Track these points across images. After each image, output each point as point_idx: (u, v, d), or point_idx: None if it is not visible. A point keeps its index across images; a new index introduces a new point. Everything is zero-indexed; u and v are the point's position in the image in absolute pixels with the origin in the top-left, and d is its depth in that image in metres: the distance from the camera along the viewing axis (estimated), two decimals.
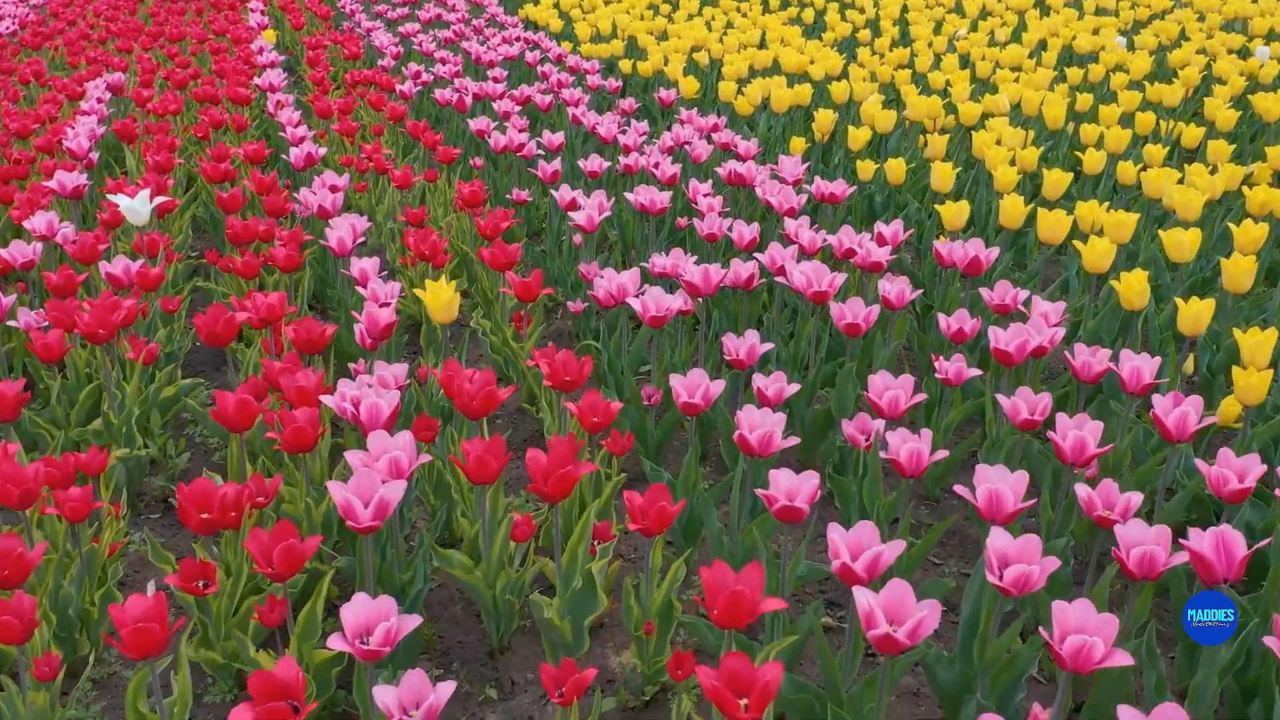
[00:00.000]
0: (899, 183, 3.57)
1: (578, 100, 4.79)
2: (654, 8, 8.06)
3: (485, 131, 4.33)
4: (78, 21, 8.01)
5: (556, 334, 3.51)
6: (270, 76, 5.19)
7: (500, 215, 3.36)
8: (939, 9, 7.24)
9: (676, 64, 5.35)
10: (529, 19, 7.63)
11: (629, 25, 6.78)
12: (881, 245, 2.95)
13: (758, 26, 6.92)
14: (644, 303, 2.44)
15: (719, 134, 4.13)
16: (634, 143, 4.07)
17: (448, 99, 4.87)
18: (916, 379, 2.85)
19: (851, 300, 2.40)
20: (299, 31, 7.94)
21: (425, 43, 6.44)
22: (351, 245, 2.99)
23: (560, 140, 4.13)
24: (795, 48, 5.99)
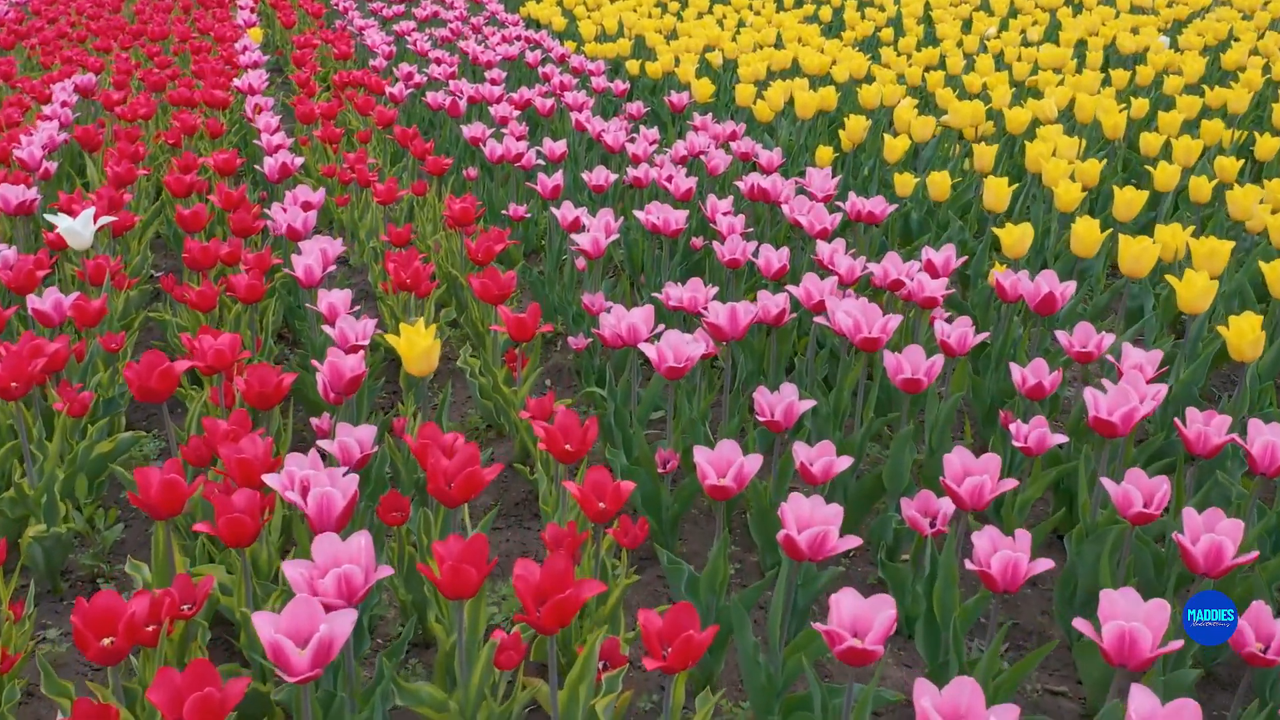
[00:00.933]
0: (943, 199, 3.17)
1: (581, 105, 4.40)
2: (662, 5, 7.66)
3: (480, 139, 3.94)
4: (59, 19, 7.64)
5: (556, 370, 3.12)
6: (250, 78, 4.80)
7: (494, 236, 2.97)
8: (965, 6, 6.83)
9: (688, 65, 4.95)
10: (530, 17, 7.24)
11: (636, 23, 6.38)
12: (934, 276, 2.56)
13: (773, 25, 6.52)
14: (660, 351, 2.04)
15: (738, 142, 3.73)
16: (643, 152, 3.68)
17: (440, 103, 4.48)
18: (974, 432, 2.48)
19: (910, 350, 2.00)
20: (289, 30, 7.56)
21: (420, 42, 6.05)
22: (321, 274, 2.60)
23: (562, 150, 3.74)
24: (814, 47, 5.60)
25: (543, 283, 3.24)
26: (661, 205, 2.94)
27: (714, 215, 3.05)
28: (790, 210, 3.03)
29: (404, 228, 3.15)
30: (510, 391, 2.54)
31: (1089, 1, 6.82)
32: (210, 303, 2.65)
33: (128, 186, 3.68)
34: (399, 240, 3.15)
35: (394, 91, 4.76)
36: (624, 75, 5.73)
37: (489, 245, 2.88)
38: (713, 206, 3.07)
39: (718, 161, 3.57)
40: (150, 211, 3.86)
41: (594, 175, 3.41)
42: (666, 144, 4.56)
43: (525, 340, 2.42)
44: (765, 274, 2.67)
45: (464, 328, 3.22)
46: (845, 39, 6.07)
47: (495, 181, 3.91)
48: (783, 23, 6.48)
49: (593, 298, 2.71)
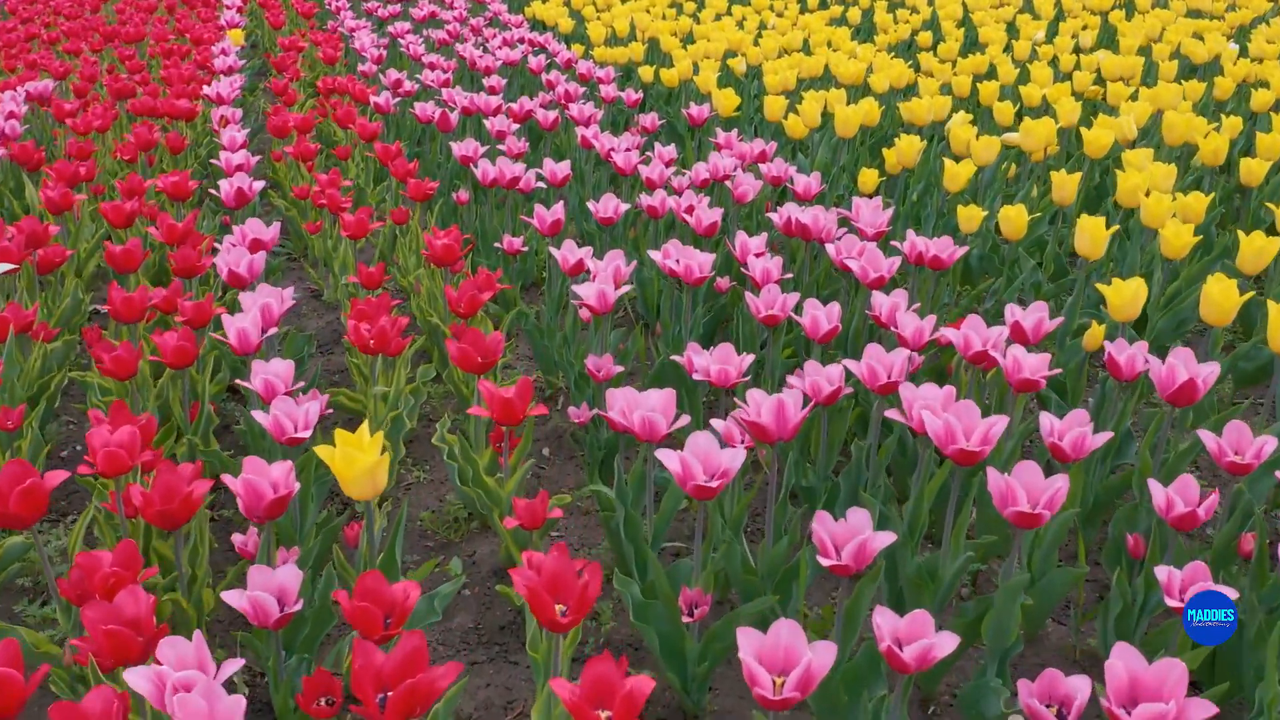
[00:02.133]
0: (1018, 237, 2.66)
1: (589, 118, 3.89)
2: (677, 6, 7.15)
3: (471, 158, 3.43)
4: (34, 19, 7.17)
5: (555, 436, 2.61)
6: (221, 85, 4.31)
7: (481, 281, 2.47)
8: (1008, 8, 6.30)
9: (708, 72, 4.44)
10: (536, 18, 6.74)
11: (649, 26, 5.88)
12: (1023, 341, 2.05)
13: (799, 28, 6.01)
14: (685, 464, 1.54)
15: (768, 165, 3.22)
16: (659, 176, 3.18)
17: (428, 115, 3.98)
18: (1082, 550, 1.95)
19: (1023, 470, 1.49)
20: (278, 31, 7.08)
21: (414, 45, 5.55)
22: (259, 339, 2.09)
23: (565, 173, 3.24)
24: (846, 53, 5.08)
25: (541, 332, 2.73)
26: (683, 248, 2.43)
27: (744, 256, 2.54)
28: (837, 252, 2.52)
29: (376, 268, 2.65)
30: (495, 484, 2.04)
31: (1141, 3, 6.28)
32: (128, 368, 2.15)
33: (66, 213, 3.20)
34: (370, 282, 2.65)
35: (379, 101, 4.27)
36: (636, 83, 5.22)
37: (474, 294, 2.38)
38: (743, 246, 2.56)
39: (746, 188, 3.07)
40: (94, 241, 3.37)
41: (602, 206, 2.90)
42: (685, 165, 4.05)
43: (513, 424, 1.92)
44: (812, 336, 2.16)
45: (448, 384, 2.72)
46: (879, 43, 5.55)
47: (489, 206, 3.41)
48: (809, 25, 5.96)
49: (599, 361, 2.21)
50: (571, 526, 2.27)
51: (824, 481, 2.06)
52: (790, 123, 3.58)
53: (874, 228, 2.69)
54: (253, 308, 2.16)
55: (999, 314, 2.80)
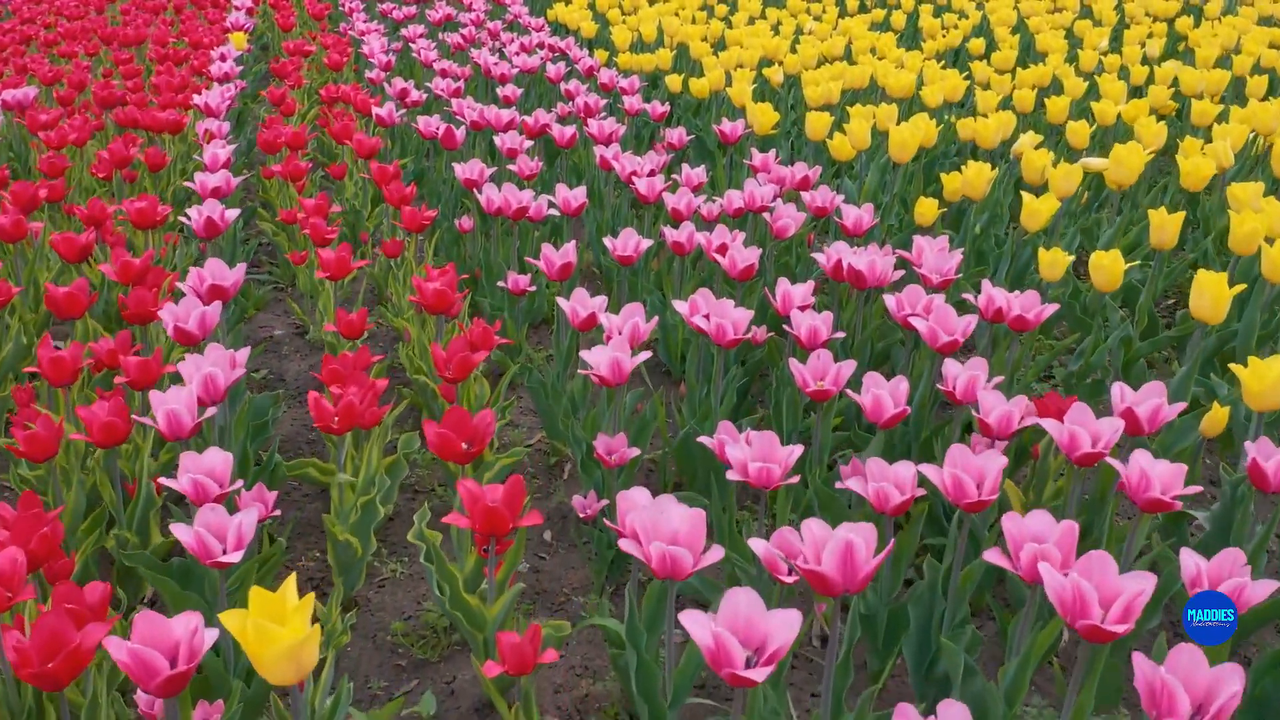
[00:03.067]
0: (1111, 288, 2.24)
1: (609, 135, 3.50)
2: (708, 9, 6.75)
3: (476, 182, 3.05)
4: (36, 20, 6.87)
5: (558, 515, 2.22)
6: (211, 95, 3.95)
7: (476, 336, 2.09)
8: (1065, 13, 5.85)
9: (742, 83, 4.03)
10: (558, 21, 6.36)
11: (678, 30, 5.47)
12: (1135, 430, 1.64)
13: (839, 33, 5.60)
14: (719, 640, 1.13)
15: (811, 194, 2.82)
16: (686, 207, 2.78)
17: (431, 131, 3.60)
18: None
19: (1181, 656, 1.08)
20: (288, 33, 6.73)
21: (426, 50, 5.18)
22: (192, 423, 1.71)
23: (580, 201, 2.85)
24: (892, 61, 4.66)
25: (546, 391, 2.34)
26: (714, 302, 2.03)
27: (787, 308, 2.15)
28: (899, 306, 2.11)
29: (359, 314, 2.28)
30: (478, 603, 1.65)
31: (1210, 9, 5.81)
32: (46, 449, 1.78)
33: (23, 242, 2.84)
34: (350, 331, 2.28)
35: (381, 113, 3.89)
36: (663, 93, 4.83)
37: (465, 355, 2.00)
38: (785, 297, 2.16)
39: (786, 221, 2.66)
40: (54, 274, 3.01)
41: (621, 242, 2.51)
42: (715, 186, 3.65)
43: (502, 535, 1.53)
44: (875, 420, 1.76)
45: (436, 461, 2.34)
46: (926, 51, 5.13)
47: (495, 237, 3.03)
48: (850, 30, 5.54)
49: (611, 443, 1.82)
50: (575, 641, 1.88)
51: (886, 606, 1.66)
52: (836, 144, 3.17)
53: (940, 274, 2.28)
54: (194, 378, 1.78)
55: (1084, 377, 2.38)
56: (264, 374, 2.90)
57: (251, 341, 3.08)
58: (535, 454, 2.50)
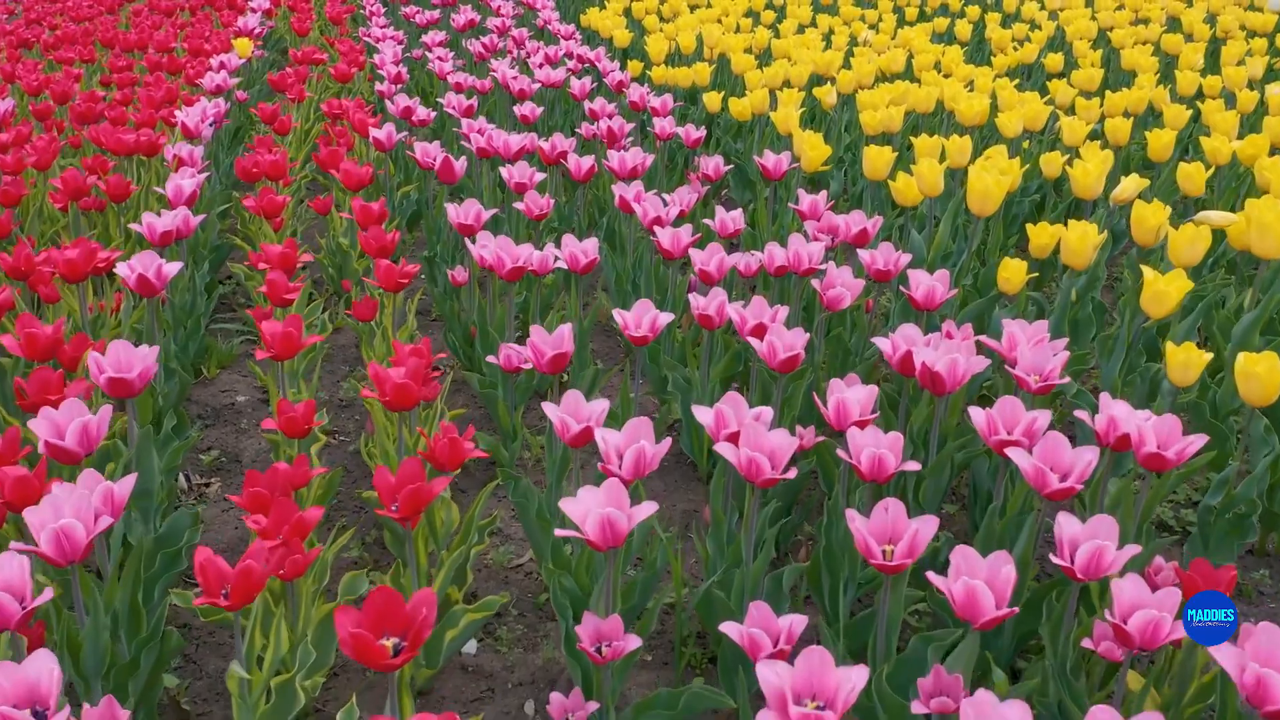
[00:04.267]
0: (1266, 402, 1.71)
1: (632, 169, 3.02)
2: (754, 14, 6.24)
3: (473, 228, 2.58)
4: (42, 21, 6.52)
5: (543, 680, 1.74)
6: (190, 114, 3.52)
7: (440, 451, 1.63)
8: (1153, 26, 5.27)
9: (789, 106, 3.53)
10: (590, 28, 5.88)
11: (719, 41, 4.97)
12: None
13: (898, 44, 5.06)
14: None
15: (870, 254, 2.30)
16: (716, 268, 2.29)
17: (430, 159, 3.13)
18: None
19: None
20: (304, 38, 6.32)
21: (443, 60, 4.73)
22: (87, 542, 1.25)
23: (590, 257, 2.36)
24: (960, 79, 4.12)
25: (533, 511, 1.86)
26: (750, 429, 1.53)
27: (842, 421, 1.65)
28: (990, 427, 1.61)
29: (303, 409, 1.82)
30: None
31: None
32: None
33: None
34: (293, 429, 1.82)
35: (379, 136, 3.43)
36: (700, 114, 4.34)
37: (418, 488, 1.52)
38: (840, 408, 1.66)
39: (840, 290, 2.16)
40: None
41: (634, 318, 2.02)
42: (756, 226, 3.15)
43: None
44: (970, 619, 1.26)
45: None
46: (996, 66, 4.58)
47: (492, 296, 2.55)
48: (910, 42, 5.01)
49: (604, 628, 1.34)
50: None
51: None
52: (900, 187, 2.65)
53: (1040, 376, 1.77)
54: (41, 532, 1.32)
55: (1225, 511, 1.85)
56: (214, 455, 2.46)
57: (207, 410, 2.64)
58: (526, 579, 2.02)
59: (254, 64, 5.61)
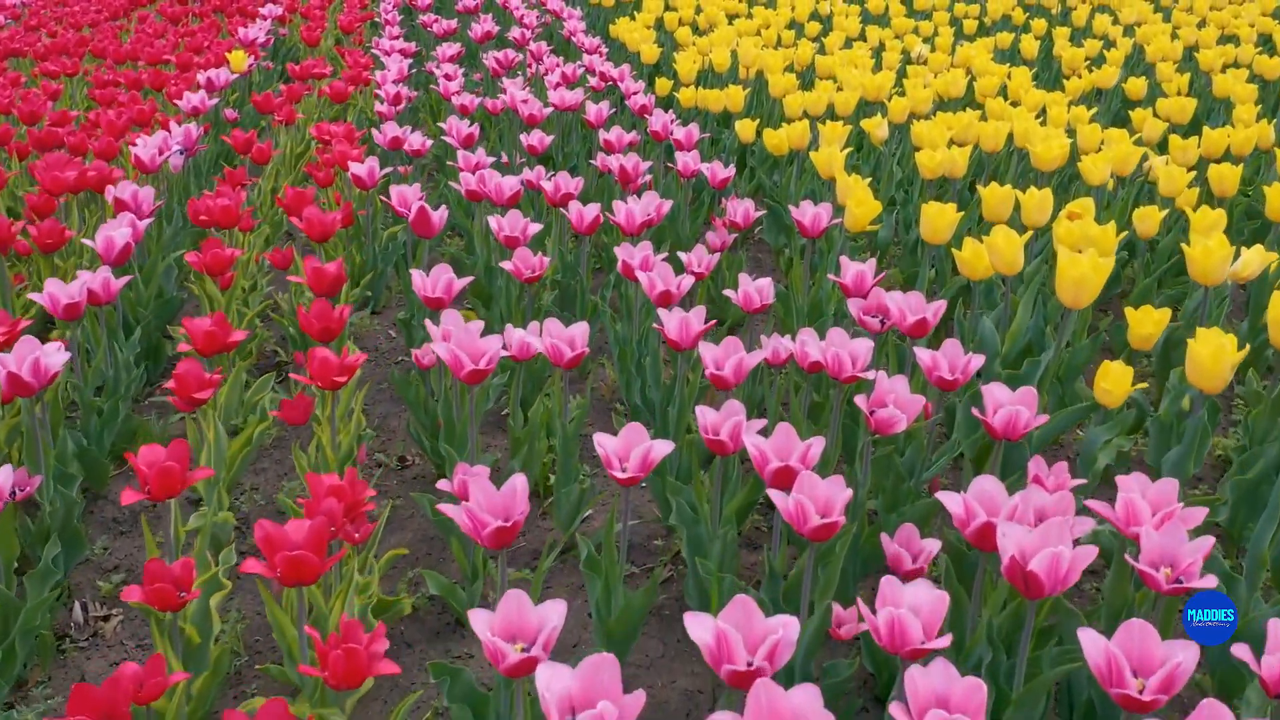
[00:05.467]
0: None
1: (644, 222, 2.54)
2: (796, 26, 5.73)
3: (441, 301, 2.11)
4: (41, 28, 6.18)
5: None
6: (145, 146, 3.09)
7: (336, 666, 1.16)
8: (1246, 47, 4.69)
9: (833, 145, 3.03)
10: (617, 40, 5.41)
11: (755, 59, 4.47)
12: None
13: (956, 63, 4.54)
14: None
15: (932, 358, 1.80)
16: (734, 371, 1.80)
17: (406, 205, 2.67)
18: None
19: None
20: (314, 48, 5.92)
21: (450, 79, 4.28)
22: None
23: (578, 350, 1.88)
24: (1030, 107, 3.59)
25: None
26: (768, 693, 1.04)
27: (897, 643, 1.16)
28: (1110, 676, 1.11)
29: (178, 573, 1.36)
30: None
31: None
32: None
33: None
34: (164, 601, 1.37)
35: (360, 172, 2.98)
36: (730, 145, 3.84)
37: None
38: (895, 627, 1.17)
39: (893, 413, 1.66)
40: None
41: (619, 448, 1.53)
42: (791, 292, 2.66)
43: None
44: None
45: None
46: (1069, 90, 4.04)
47: (457, 390, 2.08)
48: (970, 60, 4.48)
49: None
50: None
51: None
52: (968, 258, 2.14)
53: (1175, 569, 1.26)
54: None
55: None
56: (122, 577, 2.01)
57: (124, 515, 2.19)
58: None
59: (256, 77, 5.21)
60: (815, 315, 2.58)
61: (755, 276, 3.04)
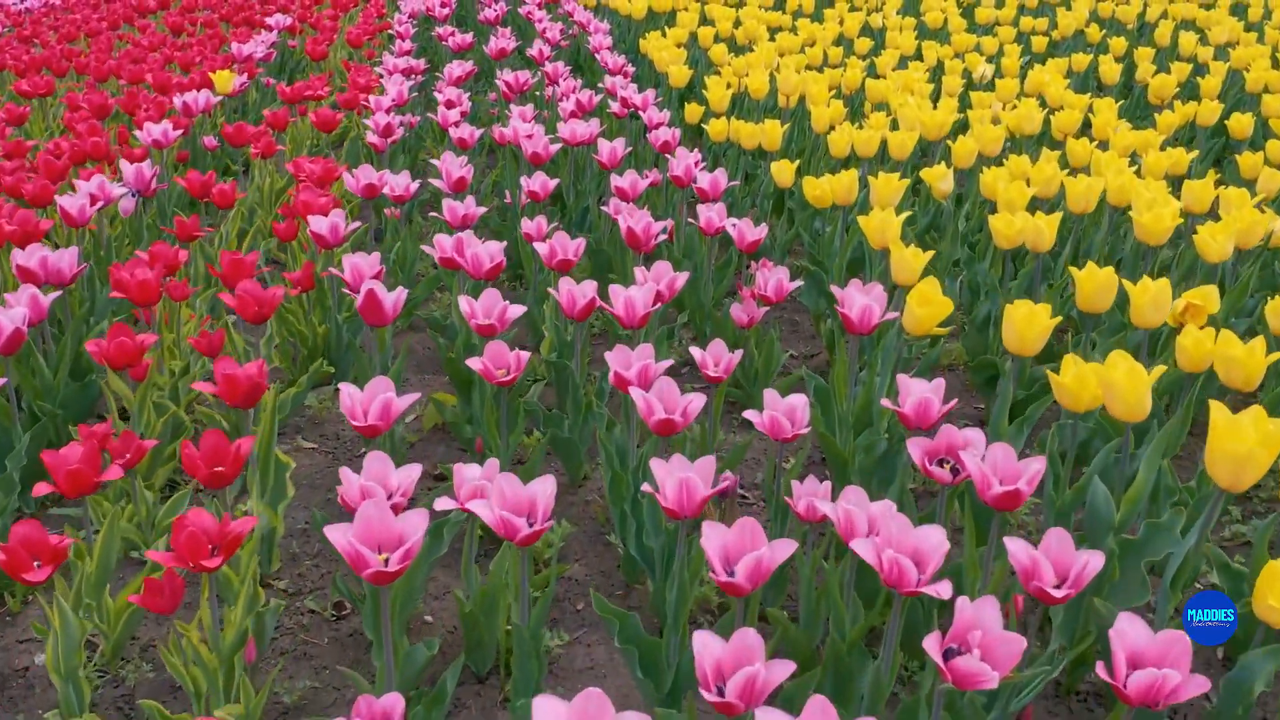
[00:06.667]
0: None
1: (645, 315, 2.04)
2: (845, 43, 5.19)
3: (376, 429, 1.62)
4: (36, 38, 5.80)
5: None
6: (73, 198, 2.64)
7: None
8: None
9: (887, 207, 2.51)
10: (646, 55, 4.90)
11: (796, 85, 3.94)
12: None
13: (1026, 89, 3.99)
14: None
15: (1029, 556, 1.28)
16: (749, 578, 1.29)
17: (358, 278, 2.18)
18: None
19: None
20: (320, 62, 5.48)
21: (453, 106, 3.80)
22: None
23: (535, 527, 1.38)
24: (1119, 149, 3.04)
25: None
26: None
27: None
28: None
29: None
30: None
31: None
32: None
33: None
34: None
35: (322, 230, 2.51)
36: (766, 188, 3.33)
37: None
38: None
39: (975, 664, 1.14)
40: None
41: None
42: (830, 445, 2.14)
43: None
44: None
45: None
46: (1161, 126, 3.47)
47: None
48: (1043, 85, 3.91)
49: None
50: None
51: None
52: (1072, 387, 1.60)
53: None
54: None
55: None
56: None
57: None
58: None
59: (253, 96, 4.77)
60: (862, 424, 2.06)
61: (788, 351, 2.52)
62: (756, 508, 2.23)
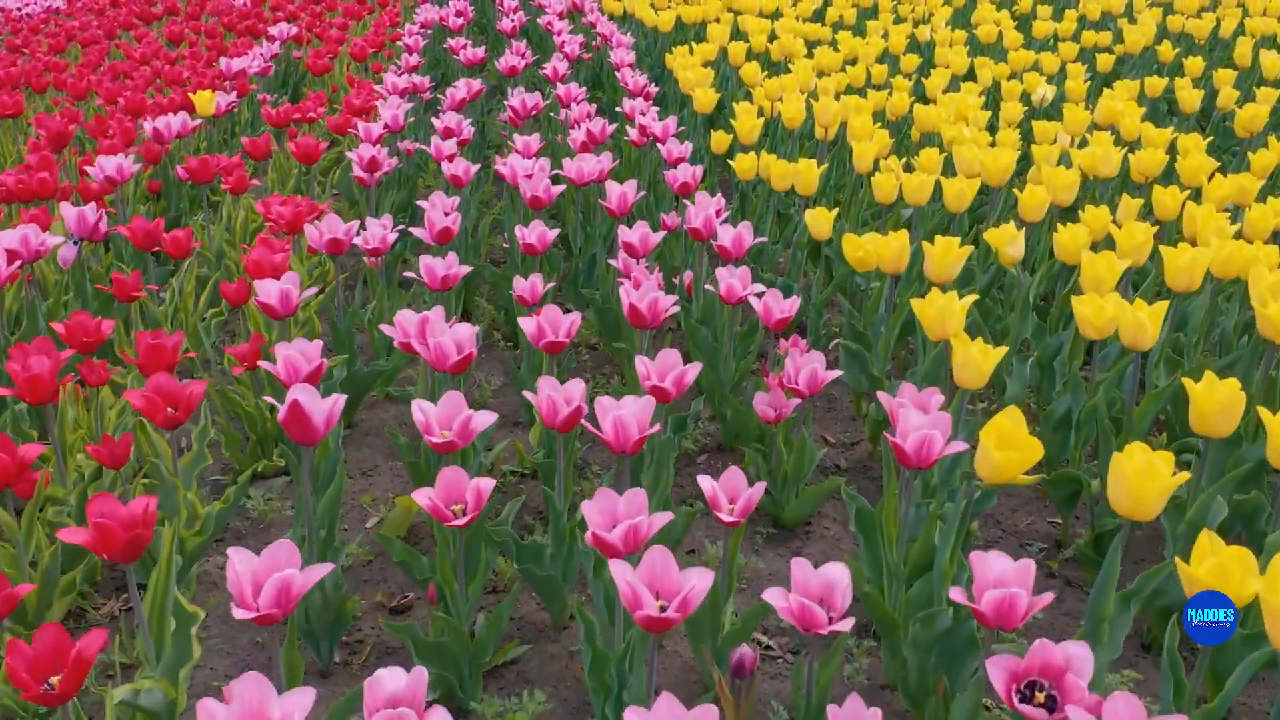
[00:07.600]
0: None
1: (636, 443, 1.61)
2: (890, 60, 4.73)
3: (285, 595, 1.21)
4: (25, 48, 5.48)
5: None
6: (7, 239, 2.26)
7: None
8: None
9: (944, 269, 2.07)
10: (672, 72, 4.48)
11: (838, 111, 3.50)
12: None
13: (1099, 119, 3.52)
14: None
15: None
16: None
17: (293, 375, 1.78)
18: None
19: None
20: (323, 77, 5.11)
21: (451, 135, 3.40)
22: None
23: None
24: (1215, 201, 2.58)
25: None
26: None
27: None
28: None
29: None
30: None
31: None
32: None
33: None
34: None
35: (270, 299, 2.11)
36: (800, 237, 2.90)
37: None
38: None
39: None
40: None
41: None
42: (877, 612, 1.72)
43: None
44: None
45: None
46: (1256, 171, 3.00)
47: None
48: (1116, 115, 3.45)
49: None
50: None
51: None
52: (1207, 580, 1.17)
53: None
54: None
55: None
56: None
57: None
58: None
59: (245, 114, 4.41)
60: (917, 571, 1.63)
61: (823, 434, 2.13)
62: (783, 661, 1.80)
